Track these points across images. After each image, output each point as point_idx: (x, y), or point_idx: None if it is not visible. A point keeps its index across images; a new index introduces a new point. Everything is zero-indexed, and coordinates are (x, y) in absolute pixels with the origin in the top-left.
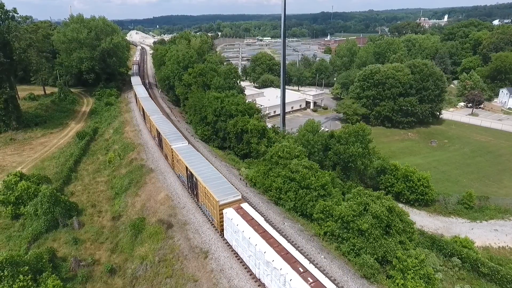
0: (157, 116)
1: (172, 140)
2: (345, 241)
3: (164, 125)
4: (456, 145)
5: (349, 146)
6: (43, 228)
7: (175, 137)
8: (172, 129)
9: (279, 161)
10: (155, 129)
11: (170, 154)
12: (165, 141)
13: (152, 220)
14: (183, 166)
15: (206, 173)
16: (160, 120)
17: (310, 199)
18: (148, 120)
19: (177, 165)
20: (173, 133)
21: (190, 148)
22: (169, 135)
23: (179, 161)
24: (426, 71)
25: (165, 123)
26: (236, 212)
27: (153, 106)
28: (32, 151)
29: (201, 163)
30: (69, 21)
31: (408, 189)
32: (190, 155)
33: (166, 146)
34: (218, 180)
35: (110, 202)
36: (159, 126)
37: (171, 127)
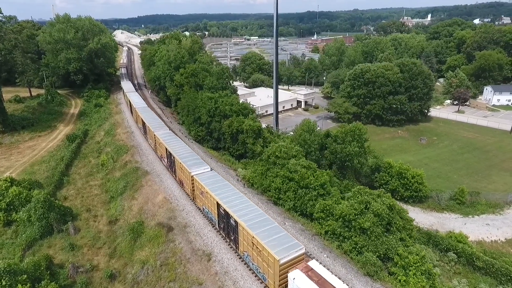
0: (163, 133)
1: (192, 166)
2: (346, 239)
3: (178, 145)
4: (445, 142)
5: (346, 145)
6: (37, 235)
7: (195, 161)
8: (187, 150)
9: (276, 161)
10: (164, 149)
11: (188, 181)
12: (181, 166)
13: (151, 223)
14: (212, 201)
15: (249, 214)
16: (173, 141)
17: (310, 199)
18: (152, 137)
19: (202, 199)
20: (190, 155)
21: (216, 176)
22: (187, 159)
23: (206, 194)
24: (415, 70)
25: (178, 143)
26: (307, 277)
27: (155, 119)
28: (20, 155)
29: (238, 198)
30: (55, 21)
31: (402, 186)
32: (220, 186)
33: (183, 172)
34: (268, 225)
35: (105, 206)
36: (170, 145)
37: (185, 147)
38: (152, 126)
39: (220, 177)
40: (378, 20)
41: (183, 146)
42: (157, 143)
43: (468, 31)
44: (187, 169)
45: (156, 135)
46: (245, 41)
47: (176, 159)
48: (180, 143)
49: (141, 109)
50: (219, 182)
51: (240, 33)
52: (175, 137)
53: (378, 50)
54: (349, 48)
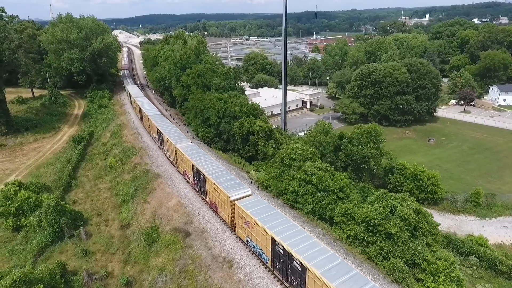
0: (187, 146)
1: (229, 188)
2: (371, 245)
3: (206, 161)
4: (454, 143)
5: (362, 147)
6: (48, 240)
7: (231, 182)
8: (218, 167)
9: (292, 163)
10: (189, 166)
11: (226, 207)
12: (215, 188)
13: (167, 228)
14: (263, 236)
15: (317, 257)
16: (199, 156)
17: (329, 202)
18: (172, 150)
19: (247, 230)
20: (223, 174)
21: (262, 202)
22: (222, 180)
23: (255, 226)
24: (422, 69)
25: (206, 159)
26: None
27: (174, 129)
28: (25, 157)
29: (299, 233)
30: (57, 21)
31: (417, 188)
32: (271, 216)
33: (219, 196)
34: (346, 273)
35: (116, 209)
36: (198, 162)
37: (216, 164)
38: (172, 138)
39: (266, 203)
40: (376, 20)
41: (213, 163)
42: (180, 158)
43: (471, 31)
44: (224, 192)
45: (178, 148)
46: (244, 41)
47: (208, 179)
48: (208, 158)
49: (155, 117)
50: (268, 210)
51: (239, 33)
52: (200, 151)
53: (381, 50)
54: (352, 48)
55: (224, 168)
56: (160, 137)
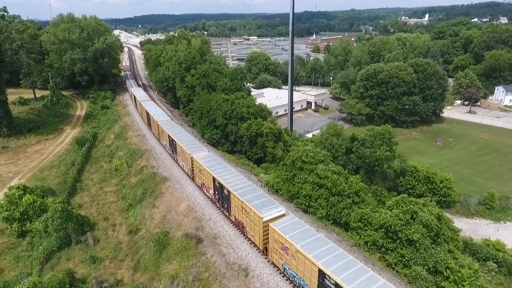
0: (205, 156)
1: (261, 207)
2: (390, 251)
3: (229, 174)
4: (462, 144)
5: (375, 149)
6: (55, 246)
7: (261, 199)
8: (243, 182)
9: (303, 166)
10: (210, 179)
11: (258, 229)
12: (244, 206)
13: (178, 234)
14: (308, 267)
15: None
16: (221, 169)
17: (345, 207)
18: (187, 160)
19: (285, 257)
20: (250, 189)
21: (301, 224)
22: (251, 197)
23: (297, 254)
24: (429, 70)
25: (229, 173)
26: None
27: (188, 137)
28: (28, 160)
29: (352, 265)
30: (59, 21)
31: (430, 191)
32: (314, 241)
33: (249, 216)
34: None
35: (123, 214)
36: (220, 176)
37: (240, 177)
38: (187, 147)
39: (306, 225)
40: (376, 20)
41: (237, 176)
42: (197, 169)
43: (475, 30)
44: (255, 212)
45: (196, 159)
46: (244, 41)
47: (234, 195)
48: (232, 171)
49: (165, 123)
50: (310, 235)
51: (239, 33)
52: (221, 163)
53: (385, 50)
54: (355, 48)
55: (251, 183)
56: (173, 145)
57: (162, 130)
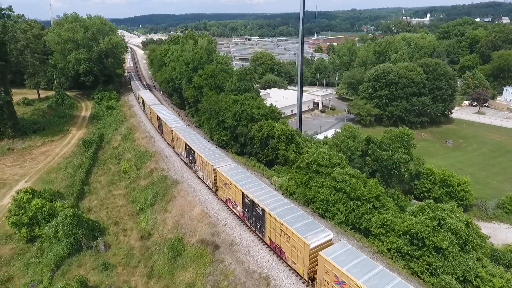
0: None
1: (306, 231)
2: (416, 259)
3: (260, 190)
4: (473, 145)
5: (393, 152)
6: (65, 253)
7: (304, 221)
8: (278, 199)
9: (319, 169)
10: (238, 195)
11: (302, 256)
12: (284, 230)
13: (192, 240)
14: None
15: None
16: (250, 183)
17: (365, 212)
18: (209, 172)
19: None
20: (289, 209)
21: (357, 253)
22: (292, 219)
23: None
24: (439, 70)
25: (259, 187)
26: None
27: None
28: (34, 162)
29: None
30: (63, 20)
31: (446, 194)
32: (383, 281)
33: (290, 241)
34: None
35: (134, 218)
36: (252, 192)
37: (273, 193)
38: (208, 157)
39: (362, 255)
40: (377, 20)
41: (271, 193)
42: (221, 182)
43: (481, 30)
44: (299, 237)
45: (220, 172)
46: (246, 41)
47: (271, 216)
48: (265, 188)
49: (181, 130)
50: (371, 267)
51: (240, 33)
52: (249, 176)
53: (391, 50)
54: (360, 48)
55: (287, 201)
56: (191, 154)
57: (177, 138)
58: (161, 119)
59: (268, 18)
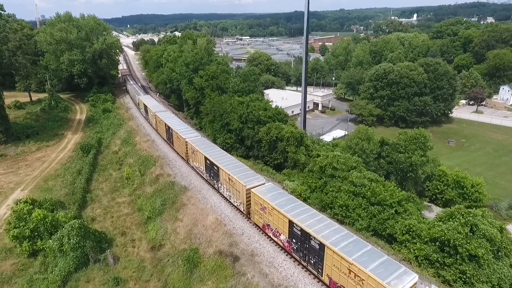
0: (267, 190)
1: (383, 272)
2: (447, 267)
3: (315, 219)
4: (476, 145)
5: (410, 154)
6: (71, 267)
7: (381, 259)
8: (339, 230)
9: (334, 173)
10: (284, 223)
11: None
12: (351, 268)
13: (209, 251)
14: None
15: None
16: (298, 208)
17: (388, 218)
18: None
19: None
20: (354, 243)
21: None
22: (367, 258)
23: None
24: (440, 70)
25: (308, 212)
26: None
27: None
28: (29, 169)
29: None
30: (55, 20)
31: (460, 195)
32: None
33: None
34: None
35: (141, 227)
36: (294, 215)
37: (334, 225)
38: (237, 175)
39: None
40: (366, 19)
41: (325, 221)
42: (257, 205)
43: (474, 30)
44: (379, 283)
45: (257, 193)
46: (237, 41)
47: (333, 253)
48: (315, 213)
49: (198, 142)
50: None
51: (231, 33)
52: (293, 199)
53: (387, 50)
54: (356, 48)
55: (349, 232)
56: (213, 171)
57: (193, 150)
58: (171, 129)
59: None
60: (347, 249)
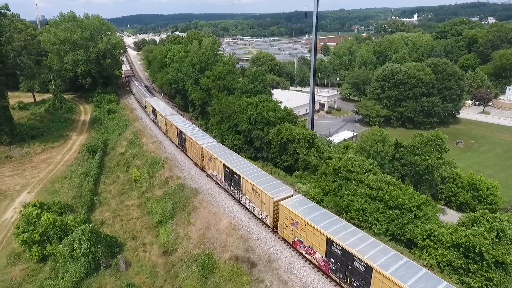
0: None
1: None
2: (471, 273)
3: (356, 237)
4: (485, 146)
5: (426, 156)
6: (83, 273)
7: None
8: (385, 250)
9: (349, 176)
10: (321, 241)
11: None
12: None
13: (224, 256)
14: None
15: None
16: (335, 224)
17: (407, 222)
18: (267, 205)
19: None
20: (406, 267)
21: None
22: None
23: None
24: (448, 70)
25: (345, 228)
26: None
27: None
28: (35, 170)
29: None
30: (59, 20)
31: (474, 198)
32: None
33: None
34: None
35: (152, 231)
36: (345, 240)
37: (378, 244)
38: (265, 187)
39: None
40: (366, 19)
41: (365, 238)
42: (287, 219)
43: (479, 30)
44: None
45: (287, 207)
46: (238, 41)
47: (386, 278)
48: (349, 227)
49: (216, 149)
50: None
51: (232, 33)
52: (326, 213)
53: (391, 50)
54: (360, 48)
55: (396, 252)
56: (234, 180)
57: (211, 157)
58: (184, 134)
59: (257, 18)
60: (399, 274)
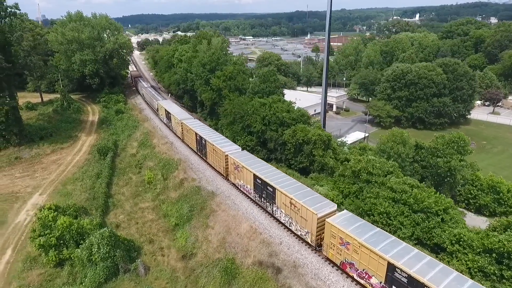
0: (343, 217)
1: None
2: (505, 280)
3: (417, 259)
4: (498, 147)
5: (449, 159)
6: (102, 278)
7: None
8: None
9: (370, 178)
10: (380, 267)
11: None
12: None
13: (247, 261)
14: None
15: None
16: (394, 244)
17: (434, 226)
18: (309, 221)
19: None
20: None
21: None
22: None
23: None
24: (459, 70)
25: (401, 247)
26: None
27: (283, 177)
28: (45, 172)
29: None
30: (66, 20)
31: (495, 201)
32: None
33: None
34: None
35: (168, 235)
36: (413, 267)
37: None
38: (305, 201)
39: None
40: (367, 19)
41: (432, 264)
42: (339, 240)
43: (486, 30)
44: None
45: (335, 225)
46: (241, 41)
47: None
48: (408, 249)
49: (241, 156)
50: None
51: (233, 33)
52: (382, 233)
53: (399, 50)
54: (367, 47)
55: (473, 282)
56: (267, 191)
57: (238, 166)
58: (204, 140)
59: (259, 18)
60: None
